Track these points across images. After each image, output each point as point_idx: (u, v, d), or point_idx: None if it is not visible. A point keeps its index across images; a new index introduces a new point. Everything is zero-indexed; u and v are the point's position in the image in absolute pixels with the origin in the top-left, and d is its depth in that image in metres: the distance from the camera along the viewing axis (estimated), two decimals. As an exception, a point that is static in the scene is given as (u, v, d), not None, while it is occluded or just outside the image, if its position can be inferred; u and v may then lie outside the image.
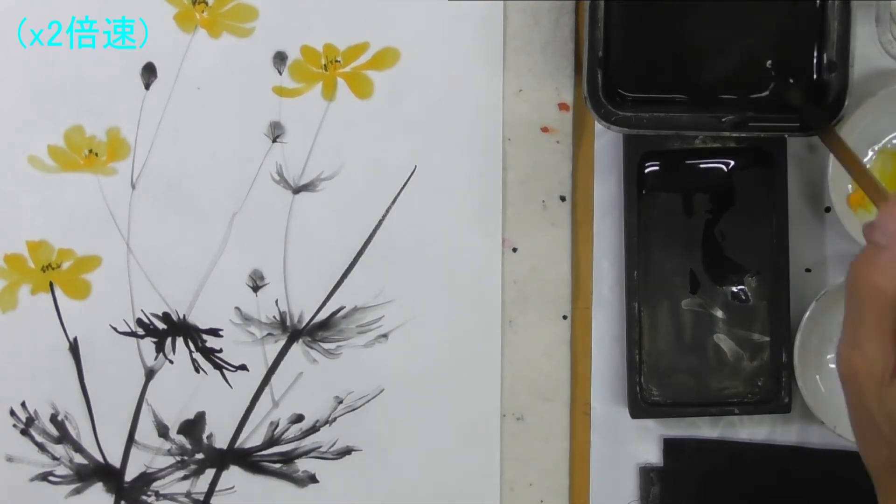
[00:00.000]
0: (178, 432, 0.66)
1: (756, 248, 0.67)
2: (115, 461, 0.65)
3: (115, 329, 0.64)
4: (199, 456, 0.66)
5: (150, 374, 0.65)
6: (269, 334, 0.65)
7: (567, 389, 0.67)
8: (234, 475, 0.66)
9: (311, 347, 0.65)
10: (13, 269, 0.63)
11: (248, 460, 0.66)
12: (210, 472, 0.66)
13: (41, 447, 0.65)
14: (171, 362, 0.65)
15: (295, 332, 0.66)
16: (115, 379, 0.65)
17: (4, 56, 0.62)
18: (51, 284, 0.64)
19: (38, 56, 0.62)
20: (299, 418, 0.66)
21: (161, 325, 0.65)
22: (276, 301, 0.65)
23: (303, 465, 0.66)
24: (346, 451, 0.66)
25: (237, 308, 0.65)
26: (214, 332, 0.65)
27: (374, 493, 0.66)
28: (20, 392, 0.64)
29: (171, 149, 0.64)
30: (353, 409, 0.66)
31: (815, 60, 0.64)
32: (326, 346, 0.65)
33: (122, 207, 0.64)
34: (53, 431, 0.65)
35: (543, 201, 0.67)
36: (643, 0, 0.63)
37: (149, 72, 0.63)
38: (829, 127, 0.60)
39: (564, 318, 0.67)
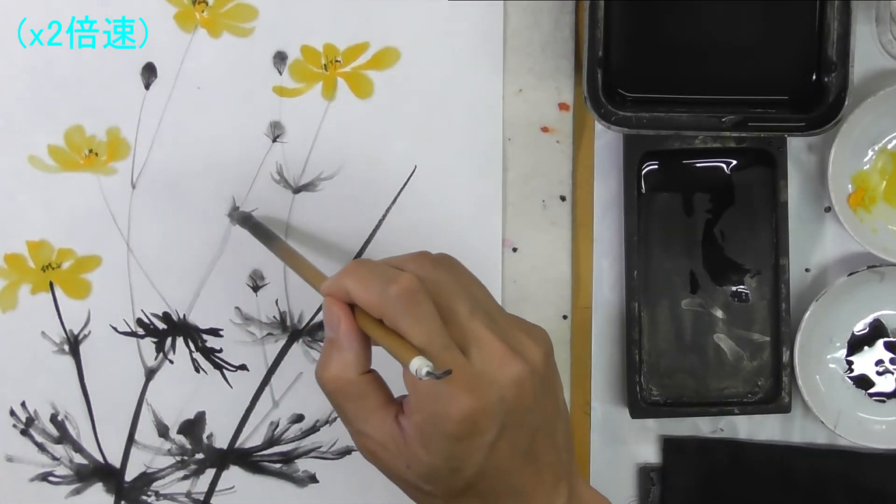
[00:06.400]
0: (178, 432, 0.66)
1: (756, 248, 0.67)
2: (115, 461, 0.65)
3: (115, 329, 0.64)
4: (200, 456, 0.66)
5: (150, 374, 0.65)
6: (269, 334, 0.65)
7: (567, 389, 0.67)
8: (234, 475, 0.66)
9: (312, 347, 0.65)
10: (13, 269, 0.63)
11: (248, 460, 0.66)
12: (210, 472, 0.66)
13: (41, 447, 0.65)
14: (171, 362, 0.65)
15: (295, 331, 0.66)
16: (115, 379, 0.65)
17: (4, 56, 0.62)
18: (51, 284, 0.64)
19: (38, 56, 0.62)
20: (299, 418, 0.66)
21: (161, 325, 0.65)
22: (276, 301, 0.65)
23: (303, 465, 0.66)
24: (346, 451, 0.66)
25: (237, 308, 0.65)
26: (214, 332, 0.65)
27: (374, 493, 0.66)
28: (20, 392, 0.64)
29: (171, 149, 0.64)
30: (353, 409, 0.66)
31: (815, 60, 0.64)
32: (326, 346, 0.65)
33: (122, 207, 0.64)
34: (53, 431, 0.65)
35: (543, 201, 0.67)
36: (643, 0, 0.63)
37: (149, 72, 0.63)
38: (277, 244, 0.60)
39: (564, 318, 0.67)
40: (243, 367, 0.65)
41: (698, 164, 0.67)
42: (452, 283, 0.49)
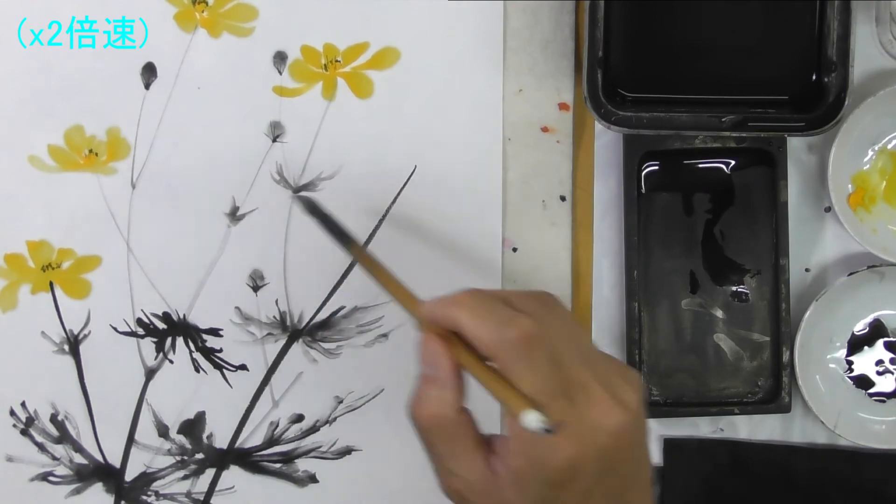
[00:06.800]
0: (178, 432, 0.66)
1: (756, 248, 0.67)
2: (115, 461, 0.65)
3: (115, 329, 0.64)
4: (199, 456, 0.66)
5: (150, 374, 0.65)
6: (269, 334, 0.65)
7: (567, 389, 0.67)
8: (234, 475, 0.66)
9: (311, 347, 0.66)
10: (13, 269, 0.63)
11: (248, 460, 0.66)
12: (210, 472, 0.66)
13: (41, 447, 0.65)
14: (171, 362, 0.65)
15: (295, 331, 0.66)
16: (115, 379, 0.65)
17: (4, 56, 0.62)
18: (51, 284, 0.64)
19: (38, 56, 0.62)
20: (299, 418, 0.66)
21: (161, 325, 0.65)
22: (276, 301, 0.65)
23: (303, 465, 0.66)
24: (346, 451, 0.66)
25: (237, 308, 0.65)
26: (214, 332, 0.65)
27: (374, 493, 0.66)
28: (20, 392, 0.64)
29: (171, 149, 0.64)
30: (353, 409, 0.66)
31: (815, 60, 0.64)
32: (326, 345, 0.65)
33: (122, 207, 0.64)
34: (53, 431, 0.65)
35: (543, 201, 0.67)
36: (643, 0, 0.63)
37: (149, 72, 0.63)
38: (355, 247, 0.58)
39: (564, 318, 0.67)
40: (243, 367, 0.66)
41: (698, 164, 0.67)
42: (562, 328, 0.48)
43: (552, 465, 0.45)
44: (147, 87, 0.63)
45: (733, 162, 0.67)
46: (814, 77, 0.64)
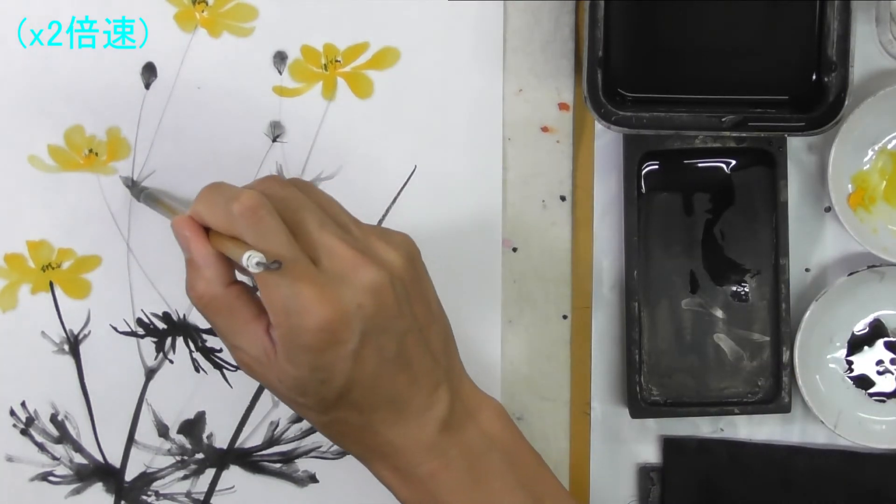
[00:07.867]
0: (178, 432, 0.66)
1: (756, 248, 0.67)
2: (115, 461, 0.65)
3: (115, 329, 0.64)
4: (199, 456, 0.66)
5: (150, 373, 0.65)
6: (269, 334, 0.65)
7: (567, 389, 0.67)
8: (234, 475, 0.66)
9: (311, 347, 0.65)
10: (13, 269, 0.63)
11: (248, 460, 0.66)
12: (210, 472, 0.66)
13: (41, 447, 0.65)
14: (171, 362, 0.65)
15: (295, 332, 0.65)
16: (115, 379, 0.65)
17: (4, 56, 0.62)
18: (51, 284, 0.64)
19: (38, 56, 0.62)
20: (299, 418, 0.66)
21: (161, 325, 0.65)
22: (276, 301, 0.65)
23: (303, 464, 0.66)
24: (346, 451, 0.66)
25: (237, 308, 0.65)
26: (214, 332, 0.65)
27: (374, 493, 0.66)
28: (20, 392, 0.64)
29: (171, 149, 0.64)
30: (353, 409, 0.66)
31: (815, 60, 0.64)
32: (326, 346, 0.65)
33: (122, 207, 0.64)
34: (53, 431, 0.65)
35: (543, 201, 0.67)
36: (643, 0, 0.63)
37: (149, 72, 0.63)
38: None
39: (564, 318, 0.67)
40: (243, 367, 0.65)
41: (698, 164, 0.67)
42: (301, 199, 0.49)
43: (307, 330, 0.46)
44: (147, 87, 0.63)
45: (733, 162, 0.67)
46: (814, 77, 0.64)
